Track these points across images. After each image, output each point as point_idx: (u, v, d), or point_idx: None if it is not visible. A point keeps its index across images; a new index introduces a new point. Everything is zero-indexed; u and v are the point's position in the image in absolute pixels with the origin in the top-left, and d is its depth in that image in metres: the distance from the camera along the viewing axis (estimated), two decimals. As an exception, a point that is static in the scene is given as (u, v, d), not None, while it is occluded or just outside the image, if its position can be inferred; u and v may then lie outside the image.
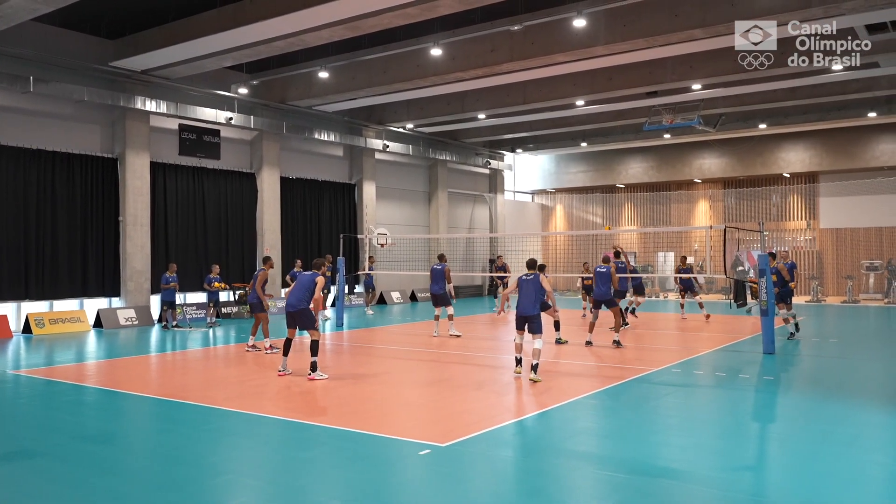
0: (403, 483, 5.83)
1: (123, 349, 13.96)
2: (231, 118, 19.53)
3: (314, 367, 9.97)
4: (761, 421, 8.15)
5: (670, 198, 30.74)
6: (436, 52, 16.34)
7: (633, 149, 29.94)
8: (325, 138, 22.40)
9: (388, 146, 24.44)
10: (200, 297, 19.09)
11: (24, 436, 7.26)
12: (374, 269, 21.10)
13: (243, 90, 19.87)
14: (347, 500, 5.36)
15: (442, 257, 15.94)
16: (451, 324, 15.17)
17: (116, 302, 17.90)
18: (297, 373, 10.30)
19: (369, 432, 7.07)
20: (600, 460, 6.36)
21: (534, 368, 9.64)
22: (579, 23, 14.34)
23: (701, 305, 18.20)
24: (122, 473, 6.03)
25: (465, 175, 29.59)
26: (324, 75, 18.58)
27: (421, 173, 27.70)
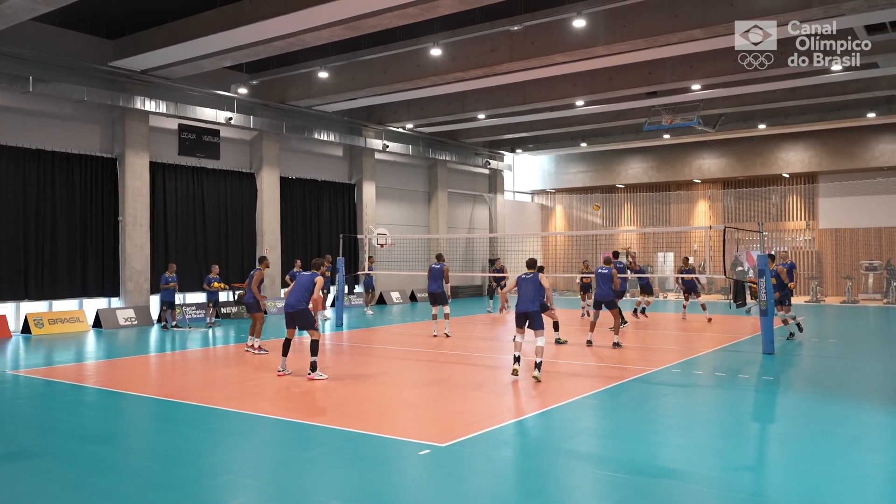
0: (403, 483, 5.82)
1: (123, 349, 13.95)
2: (231, 118, 19.53)
3: (314, 367, 9.97)
4: (761, 421, 8.15)
5: (670, 198, 30.74)
6: (436, 52, 16.34)
7: (633, 149, 29.94)
8: (325, 138, 22.39)
9: (387, 146, 24.43)
10: (200, 297, 19.09)
11: (24, 436, 7.26)
12: (373, 270, 21.10)
13: (243, 90, 19.87)
14: (347, 500, 5.36)
15: (440, 257, 15.95)
16: (447, 323, 15.20)
17: (116, 302, 17.90)
18: (297, 373, 10.29)
19: (369, 432, 7.07)
20: (600, 460, 6.36)
21: (537, 366, 9.63)
22: (579, 23, 14.35)
23: (704, 307, 18.16)
24: (122, 474, 6.03)
25: (465, 175, 29.59)
26: (324, 75, 18.58)
27: (421, 173, 27.69)
